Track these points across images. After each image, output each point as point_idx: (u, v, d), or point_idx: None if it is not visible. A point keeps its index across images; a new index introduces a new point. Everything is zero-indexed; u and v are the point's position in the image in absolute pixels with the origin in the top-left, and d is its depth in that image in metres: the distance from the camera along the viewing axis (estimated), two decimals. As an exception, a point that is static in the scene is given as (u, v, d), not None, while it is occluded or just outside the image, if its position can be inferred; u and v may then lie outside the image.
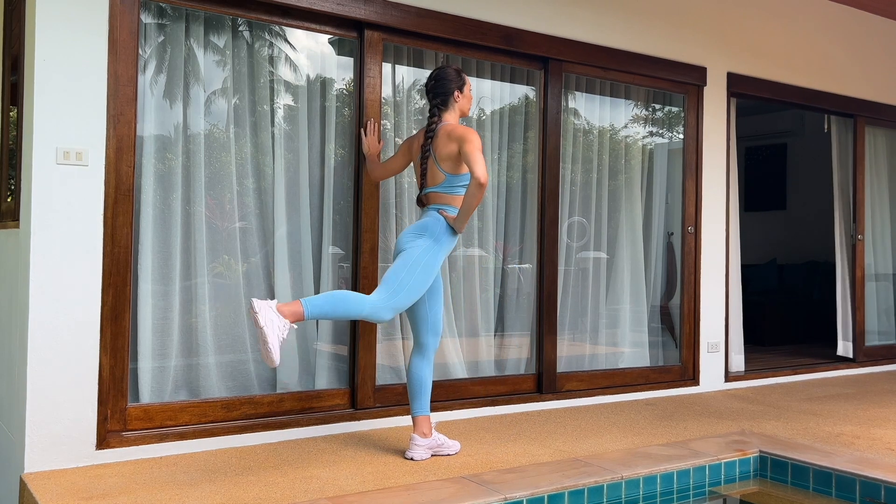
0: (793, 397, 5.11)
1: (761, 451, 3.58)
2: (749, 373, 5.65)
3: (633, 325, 5.16)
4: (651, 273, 5.27)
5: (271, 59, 3.95)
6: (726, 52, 5.43)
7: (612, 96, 5.09)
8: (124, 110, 3.37)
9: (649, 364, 5.16)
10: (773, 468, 3.52)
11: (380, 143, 3.97)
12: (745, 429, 4.08)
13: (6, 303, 3.67)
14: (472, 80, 4.48)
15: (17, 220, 3.44)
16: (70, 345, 3.24)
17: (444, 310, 4.34)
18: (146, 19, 3.58)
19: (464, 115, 3.61)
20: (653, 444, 3.71)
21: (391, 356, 4.21)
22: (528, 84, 4.72)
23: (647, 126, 5.29)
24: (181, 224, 3.67)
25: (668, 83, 5.18)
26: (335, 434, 3.86)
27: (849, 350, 6.32)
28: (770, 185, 9.16)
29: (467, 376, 4.43)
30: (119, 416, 3.36)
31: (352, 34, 4.03)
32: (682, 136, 5.33)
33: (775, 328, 7.65)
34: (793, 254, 8.89)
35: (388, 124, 4.22)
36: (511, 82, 4.68)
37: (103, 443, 3.30)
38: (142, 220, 3.55)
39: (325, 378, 4.01)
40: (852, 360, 6.30)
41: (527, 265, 4.70)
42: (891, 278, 6.80)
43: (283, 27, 3.93)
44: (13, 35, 3.90)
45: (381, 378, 4.12)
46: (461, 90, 3.54)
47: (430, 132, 3.48)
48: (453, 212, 3.43)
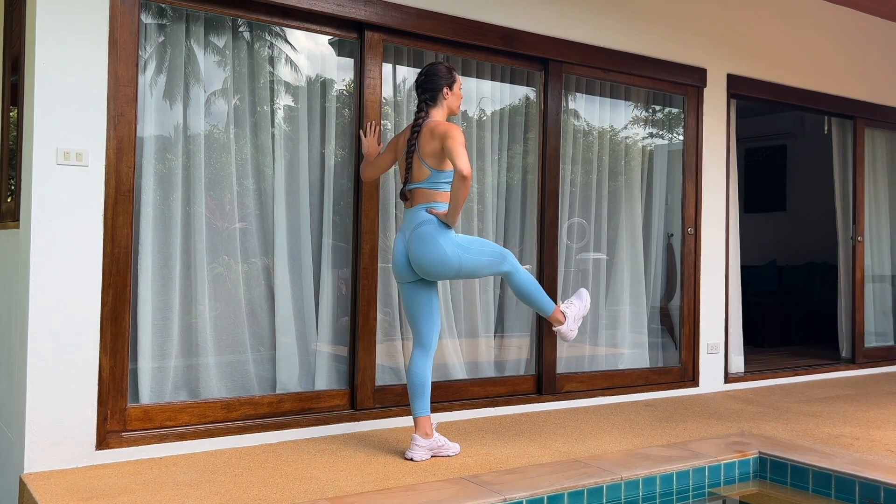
0: (792, 398, 5.11)
1: (761, 453, 3.58)
2: (749, 374, 5.65)
3: (633, 327, 5.16)
4: (651, 274, 5.27)
5: (271, 60, 3.95)
6: (726, 54, 5.44)
7: (612, 97, 5.09)
8: (124, 111, 3.37)
9: (649, 365, 5.16)
10: (772, 469, 3.52)
11: (379, 144, 3.97)
12: (744, 430, 4.08)
13: (6, 303, 3.67)
14: (472, 82, 4.50)
15: (17, 220, 3.44)
16: (70, 345, 3.24)
17: (444, 311, 4.34)
18: (146, 20, 3.59)
19: (453, 114, 3.61)
20: (652, 446, 3.71)
21: (391, 357, 4.21)
22: (528, 85, 4.73)
23: (647, 127, 5.29)
24: (181, 225, 3.67)
25: (668, 84, 5.18)
26: (335, 435, 3.86)
27: (849, 351, 6.35)
28: (770, 186, 9.16)
29: (467, 377, 4.43)
30: (119, 417, 3.36)
31: (352, 35, 4.03)
32: (681, 137, 5.33)
33: (775, 329, 7.65)
34: (792, 255, 8.89)
35: (388, 125, 4.22)
36: (511, 83, 4.68)
37: (103, 443, 3.30)
38: (142, 220, 3.55)
39: (325, 379, 4.01)
40: (852, 362, 6.31)
41: (527, 266, 4.70)
42: (889, 280, 6.80)
43: (284, 28, 3.93)
44: (13, 35, 3.90)
45: (381, 379, 4.12)
46: (451, 88, 3.53)
47: (415, 128, 3.48)
48: (441, 207, 3.43)
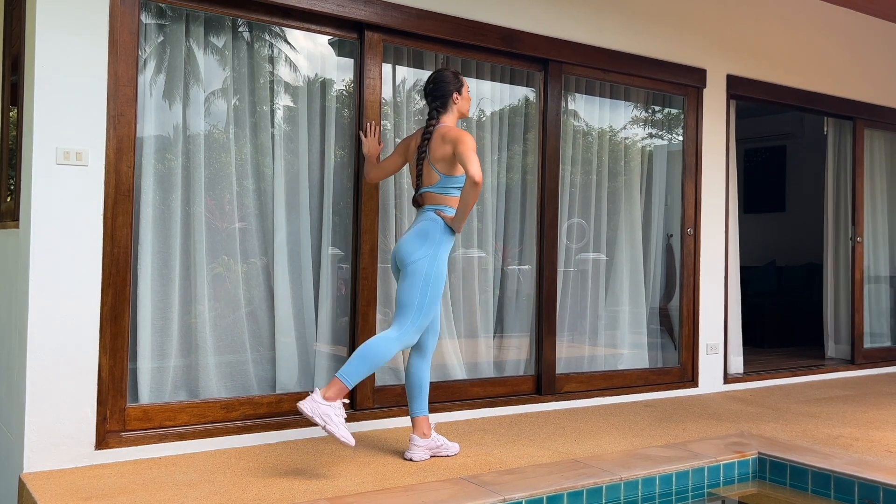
0: (791, 399, 5.11)
1: (760, 453, 3.58)
2: (748, 374, 5.65)
3: (633, 327, 5.16)
4: (650, 275, 5.27)
5: (271, 60, 3.95)
6: (726, 55, 5.44)
7: (611, 98, 5.09)
8: (124, 110, 3.37)
9: (648, 366, 5.16)
10: (771, 470, 3.52)
11: (380, 144, 3.97)
12: (743, 430, 4.08)
13: (6, 303, 3.67)
14: (471, 82, 4.49)
15: (17, 220, 3.44)
16: (69, 345, 3.24)
17: (443, 311, 4.34)
18: (146, 19, 3.59)
19: (463, 117, 3.63)
20: (652, 446, 3.71)
21: (390, 357, 4.21)
22: (527, 85, 4.73)
23: (646, 128, 5.29)
24: (181, 224, 3.67)
25: (667, 85, 5.18)
26: (334, 435, 3.86)
27: (839, 352, 6.43)
28: (769, 186, 9.16)
29: (466, 377, 4.43)
30: (118, 417, 3.36)
31: (352, 35, 4.04)
32: (681, 137, 5.33)
33: (774, 330, 7.65)
34: (792, 256, 8.89)
35: (388, 125, 4.22)
36: (511, 84, 4.68)
37: (102, 443, 3.30)
38: (141, 220, 3.55)
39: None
40: (851, 363, 6.31)
41: (526, 266, 4.70)
42: (886, 280, 6.80)
43: (283, 28, 3.93)
44: (13, 35, 3.90)
45: (380, 379, 4.12)
46: (459, 92, 3.57)
47: (427, 134, 3.51)
48: (449, 212, 3.45)
